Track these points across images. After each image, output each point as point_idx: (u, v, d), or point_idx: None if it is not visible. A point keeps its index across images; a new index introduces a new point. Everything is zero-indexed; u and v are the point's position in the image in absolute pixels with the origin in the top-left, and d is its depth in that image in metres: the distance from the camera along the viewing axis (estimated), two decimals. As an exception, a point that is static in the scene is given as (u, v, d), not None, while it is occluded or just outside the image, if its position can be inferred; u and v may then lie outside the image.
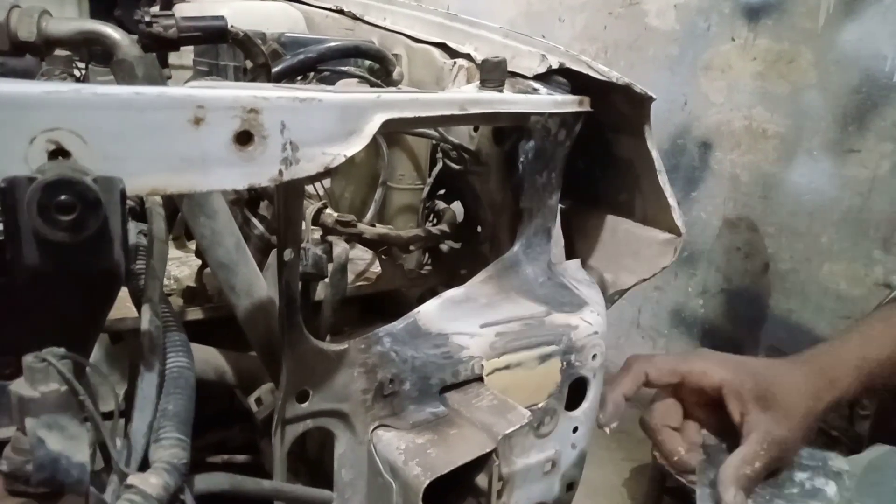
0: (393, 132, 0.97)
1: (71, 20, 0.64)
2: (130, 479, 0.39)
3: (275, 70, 0.80)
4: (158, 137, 0.40)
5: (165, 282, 0.96)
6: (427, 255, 1.10)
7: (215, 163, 0.42)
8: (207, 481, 0.45)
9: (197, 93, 0.41)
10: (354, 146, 0.50)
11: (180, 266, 0.99)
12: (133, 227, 0.59)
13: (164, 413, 0.44)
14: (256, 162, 0.44)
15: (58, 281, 0.39)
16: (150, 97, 0.39)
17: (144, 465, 0.44)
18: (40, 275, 0.37)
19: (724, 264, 2.15)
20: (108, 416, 0.75)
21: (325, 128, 0.48)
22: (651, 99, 0.87)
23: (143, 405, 0.44)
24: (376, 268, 1.04)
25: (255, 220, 0.87)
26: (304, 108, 0.46)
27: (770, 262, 2.04)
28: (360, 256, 1.06)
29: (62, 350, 0.39)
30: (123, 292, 0.64)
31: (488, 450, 0.70)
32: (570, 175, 0.97)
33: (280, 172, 0.45)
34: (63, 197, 0.35)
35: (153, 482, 0.39)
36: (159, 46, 0.67)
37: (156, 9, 1.34)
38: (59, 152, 0.38)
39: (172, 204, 0.80)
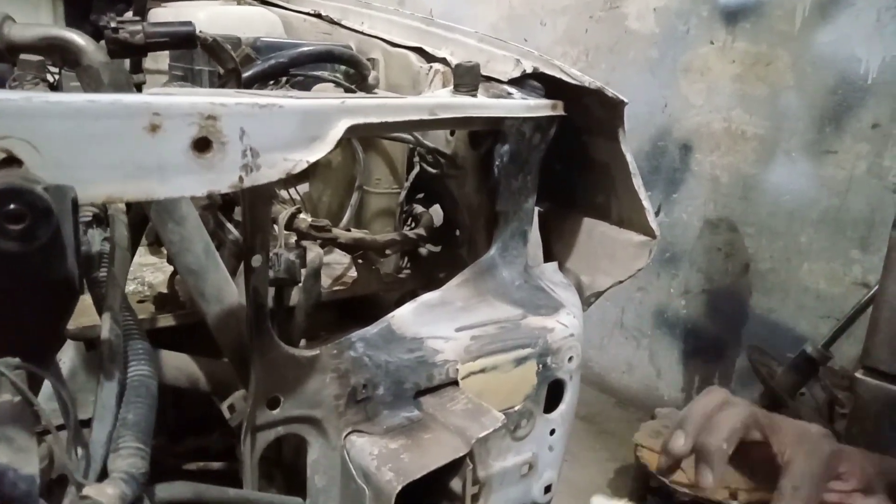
0: (368, 136, 0.96)
1: (35, 26, 0.63)
2: (86, 490, 0.38)
3: (245, 75, 0.80)
4: (113, 145, 0.40)
5: (139, 288, 0.95)
6: (406, 259, 1.10)
7: (173, 170, 0.42)
8: (168, 490, 0.45)
9: (153, 100, 0.41)
10: (318, 152, 0.50)
11: (155, 272, 0.98)
12: (98, 234, 0.59)
13: (124, 422, 0.43)
14: (216, 169, 0.44)
15: (10, 291, 0.38)
16: (104, 105, 0.39)
17: (104, 476, 0.43)
18: (-9, 285, 0.37)
19: (706, 265, 2.17)
20: (86, 423, 0.74)
21: (287, 134, 0.47)
22: (623, 103, 0.87)
23: (103, 415, 0.44)
24: (353, 272, 1.04)
25: (229, 225, 0.87)
26: (265, 114, 0.46)
27: (750, 262, 2.05)
28: (337, 261, 1.06)
29: (16, 360, 0.39)
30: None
31: (461, 454, 0.70)
32: (547, 177, 0.97)
33: (240, 179, 0.45)
34: (12, 206, 0.35)
35: (109, 492, 0.38)
36: (126, 52, 0.67)
37: (129, 14, 1.33)
38: (9, 161, 0.37)
39: (143, 210, 0.79)
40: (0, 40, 0.60)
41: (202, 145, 0.43)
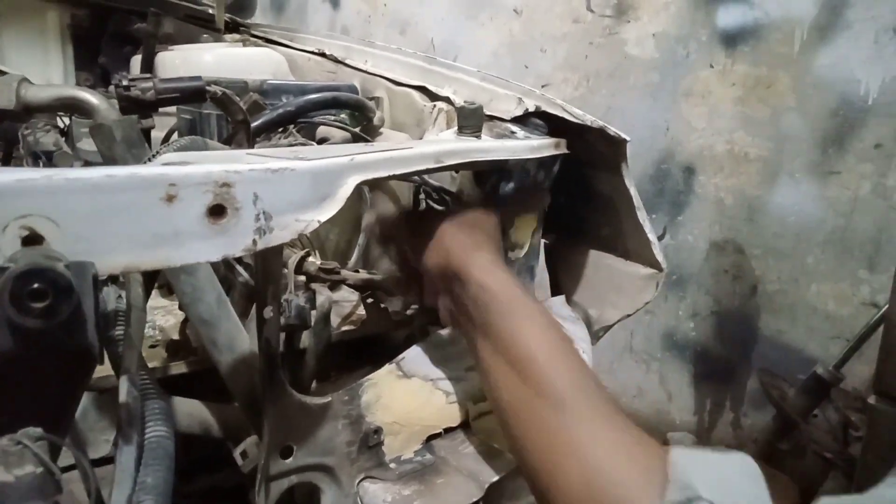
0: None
1: (49, 87, 0.65)
2: (107, 559, 0.39)
3: (254, 125, 0.81)
4: (131, 217, 0.41)
5: (150, 332, 0.96)
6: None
7: (188, 237, 0.43)
8: (187, 553, 0.45)
9: (169, 171, 0.42)
10: (328, 211, 0.51)
11: (165, 315, 0.99)
12: (112, 291, 0.60)
13: (143, 486, 0.44)
14: (230, 233, 0.45)
15: (32, 364, 0.39)
16: (122, 179, 0.40)
17: (123, 540, 0.43)
18: (14, 359, 0.38)
19: (713, 287, 2.16)
20: (97, 462, 0.74)
21: (299, 195, 0.48)
22: (625, 141, 0.88)
23: (122, 478, 0.44)
24: (361, 310, 1.04)
25: (239, 268, 0.88)
26: (277, 178, 0.47)
27: (758, 284, 2.05)
28: (345, 298, 1.06)
29: (38, 431, 0.39)
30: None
31: (475, 499, 0.70)
32: (553, 210, 0.98)
33: (254, 242, 0.46)
34: (35, 285, 0.36)
35: (130, 561, 0.39)
36: (138, 108, 0.68)
37: (138, 59, 1.35)
38: (32, 238, 0.38)
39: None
40: (18, 102, 0.62)
41: (217, 212, 0.44)
